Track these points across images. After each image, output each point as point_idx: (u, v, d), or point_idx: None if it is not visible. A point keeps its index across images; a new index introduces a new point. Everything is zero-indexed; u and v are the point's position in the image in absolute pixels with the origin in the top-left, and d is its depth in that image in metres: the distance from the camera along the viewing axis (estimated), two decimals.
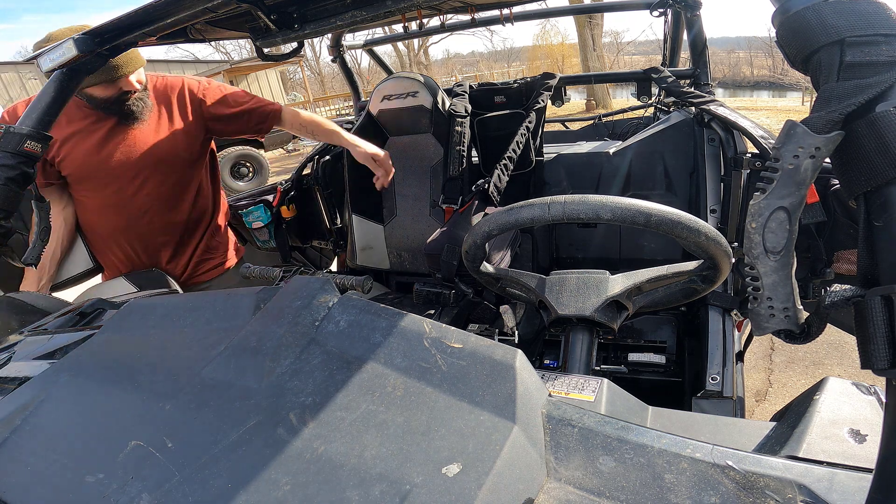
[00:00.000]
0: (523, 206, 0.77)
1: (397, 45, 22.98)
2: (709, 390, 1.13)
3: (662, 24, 2.20)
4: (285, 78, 23.17)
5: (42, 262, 1.36)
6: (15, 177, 1.00)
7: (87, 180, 1.40)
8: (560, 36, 25.56)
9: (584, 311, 0.82)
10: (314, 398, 0.50)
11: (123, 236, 1.48)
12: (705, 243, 0.71)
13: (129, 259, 1.52)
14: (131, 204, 1.44)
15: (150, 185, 1.44)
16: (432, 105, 1.79)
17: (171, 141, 1.44)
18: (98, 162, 1.37)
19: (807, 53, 0.46)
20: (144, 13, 0.90)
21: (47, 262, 1.39)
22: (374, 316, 0.58)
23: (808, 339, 0.54)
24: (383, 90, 1.84)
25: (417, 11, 1.18)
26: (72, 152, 1.35)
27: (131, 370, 0.61)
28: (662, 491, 0.42)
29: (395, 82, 1.83)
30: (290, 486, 0.42)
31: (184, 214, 1.53)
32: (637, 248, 1.88)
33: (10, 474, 0.50)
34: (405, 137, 1.93)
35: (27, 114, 1.04)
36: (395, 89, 1.81)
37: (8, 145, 1.00)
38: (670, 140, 1.79)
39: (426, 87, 1.79)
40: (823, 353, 2.51)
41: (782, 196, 0.48)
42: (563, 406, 0.51)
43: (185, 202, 1.53)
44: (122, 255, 1.51)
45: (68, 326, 0.91)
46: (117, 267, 1.53)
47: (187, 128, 1.47)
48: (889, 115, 0.40)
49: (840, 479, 0.41)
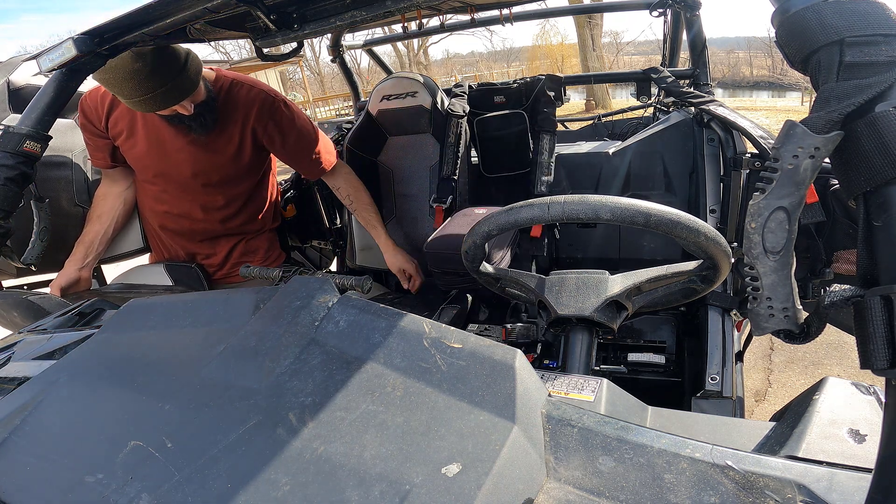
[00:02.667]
0: (523, 206, 0.77)
1: (397, 45, 22.96)
2: (708, 390, 1.13)
3: (662, 24, 2.20)
4: (285, 78, 23.18)
5: (91, 240, 1.41)
6: (14, 177, 1.00)
7: (146, 173, 1.44)
8: (560, 36, 25.58)
9: (583, 311, 0.82)
10: (314, 398, 0.50)
11: (170, 228, 1.54)
12: (705, 243, 0.71)
13: (170, 249, 1.58)
14: (181, 205, 1.48)
15: (203, 192, 1.47)
16: (431, 105, 1.79)
17: (231, 155, 1.44)
18: (158, 161, 1.40)
19: (806, 53, 0.46)
20: (144, 13, 0.90)
21: (96, 240, 1.43)
22: (374, 316, 0.58)
23: (808, 339, 0.54)
24: (382, 90, 1.83)
25: (417, 11, 1.18)
26: (139, 145, 1.38)
27: (131, 370, 0.61)
28: (662, 491, 0.42)
29: (394, 82, 1.83)
30: (290, 486, 0.42)
31: (231, 219, 1.56)
32: (636, 248, 1.88)
33: (10, 474, 0.50)
34: (404, 137, 1.93)
35: (26, 114, 1.04)
36: (395, 89, 1.81)
37: (8, 145, 1.00)
38: (670, 140, 1.79)
39: (426, 88, 1.79)
40: (823, 353, 2.51)
41: (782, 196, 0.48)
42: (563, 406, 0.51)
43: (233, 207, 1.55)
44: (165, 244, 1.58)
45: (68, 326, 0.91)
46: (161, 252, 1.60)
47: (250, 144, 1.46)
48: (889, 115, 0.40)
49: (839, 479, 0.41)
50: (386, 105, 1.83)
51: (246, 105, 1.42)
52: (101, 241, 1.45)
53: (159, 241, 1.59)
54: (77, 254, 1.40)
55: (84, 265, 1.40)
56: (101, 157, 1.42)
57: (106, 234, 1.46)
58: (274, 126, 1.46)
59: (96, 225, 1.43)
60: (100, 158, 1.43)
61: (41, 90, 1.07)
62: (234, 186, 1.51)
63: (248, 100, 1.42)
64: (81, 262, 1.39)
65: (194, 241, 1.57)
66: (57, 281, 1.36)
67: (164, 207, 1.50)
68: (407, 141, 1.93)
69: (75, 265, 1.38)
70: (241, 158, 1.46)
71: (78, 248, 1.40)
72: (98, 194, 1.48)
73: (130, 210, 1.54)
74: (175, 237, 1.56)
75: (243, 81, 1.44)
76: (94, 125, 1.37)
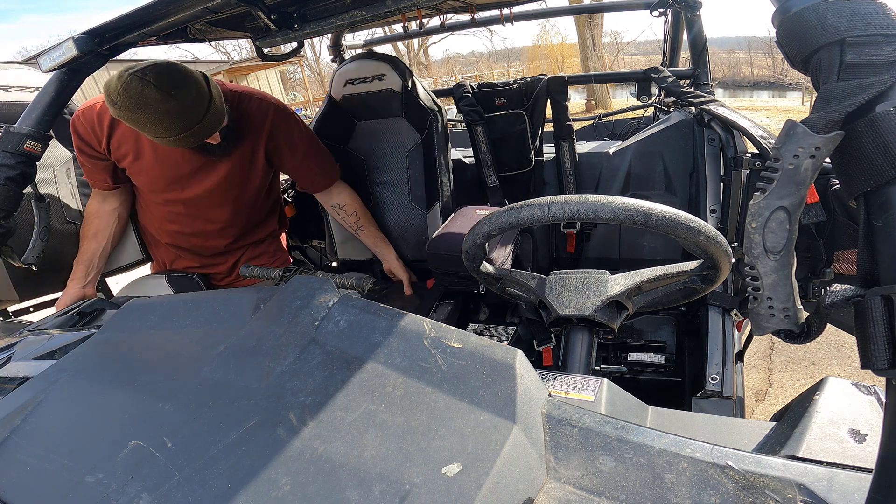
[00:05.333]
0: (523, 205, 0.77)
1: (397, 44, 22.97)
2: (709, 390, 1.13)
3: (662, 24, 2.21)
4: (285, 78, 23.16)
5: (89, 259, 1.40)
6: (15, 176, 1.00)
7: (156, 195, 1.42)
8: (560, 36, 25.58)
9: (583, 311, 0.82)
10: (314, 398, 0.50)
11: (173, 242, 1.52)
12: (705, 243, 0.71)
13: (175, 259, 1.57)
14: (192, 223, 1.47)
15: (216, 210, 1.45)
16: (402, 88, 1.65)
17: (246, 171, 1.42)
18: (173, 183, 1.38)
19: (807, 53, 0.46)
20: (144, 13, 0.90)
21: (95, 258, 1.42)
22: (374, 316, 0.58)
23: (808, 339, 0.54)
24: (346, 74, 1.68)
25: (417, 11, 1.18)
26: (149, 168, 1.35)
27: (131, 370, 0.61)
28: (662, 491, 0.42)
29: (358, 65, 1.68)
30: (290, 486, 0.42)
31: (241, 231, 1.55)
32: (637, 248, 1.88)
33: (10, 474, 0.50)
34: (375, 122, 1.79)
35: (27, 114, 1.04)
36: (360, 72, 1.66)
37: (8, 145, 1.00)
38: (670, 140, 1.79)
39: (394, 70, 1.65)
40: (823, 352, 2.51)
41: (782, 196, 0.48)
42: (563, 406, 0.51)
43: (243, 219, 1.53)
44: (170, 255, 1.57)
45: (68, 326, 0.91)
46: (164, 262, 1.59)
47: (262, 158, 1.44)
48: (889, 115, 0.40)
49: (840, 479, 0.41)
50: (351, 90, 1.69)
51: (258, 119, 1.38)
52: (100, 257, 1.43)
53: (164, 253, 1.57)
54: (78, 273, 1.39)
55: (87, 283, 1.39)
56: (101, 178, 1.38)
57: (104, 251, 1.44)
58: (284, 139, 1.43)
59: (93, 243, 1.41)
60: (100, 181, 1.39)
61: (41, 90, 1.07)
62: (245, 200, 1.49)
63: (260, 113, 1.38)
64: (84, 281, 1.38)
65: (204, 255, 1.56)
66: (62, 300, 1.35)
67: (176, 227, 1.47)
68: (378, 125, 1.78)
69: (78, 283, 1.37)
70: (254, 173, 1.44)
71: (78, 267, 1.39)
72: (90, 211, 1.44)
73: (125, 225, 1.52)
74: (184, 252, 1.55)
75: (252, 94, 1.40)
76: (93, 147, 1.32)
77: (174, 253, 1.56)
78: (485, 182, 1.98)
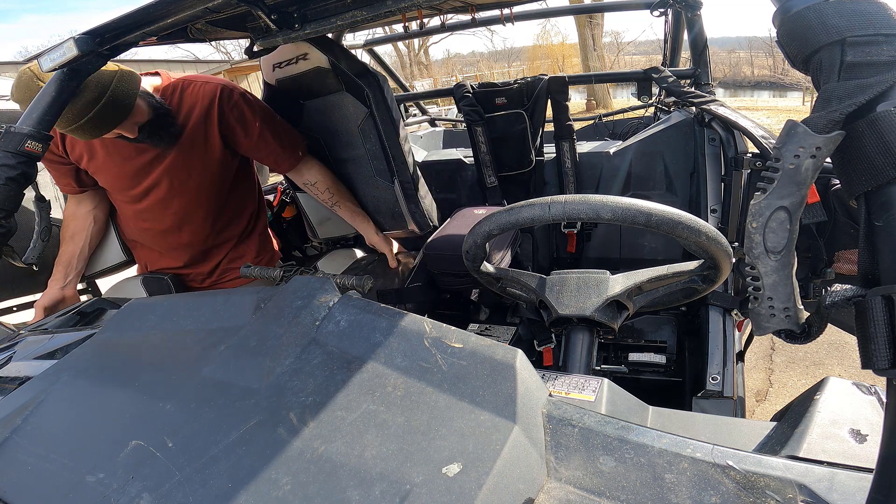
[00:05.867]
0: (523, 205, 0.77)
1: (397, 44, 22.97)
2: (709, 390, 1.13)
3: (663, 24, 2.21)
4: None
5: (68, 260, 1.40)
6: (15, 176, 1.00)
7: (121, 193, 1.41)
8: (560, 36, 25.59)
9: (584, 311, 0.82)
10: (314, 398, 0.50)
11: (152, 242, 1.51)
12: (706, 243, 0.71)
13: (157, 259, 1.55)
14: (161, 219, 1.44)
15: (179, 203, 1.42)
16: (330, 63, 1.58)
17: (201, 157, 1.39)
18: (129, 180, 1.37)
19: (807, 53, 0.46)
20: (145, 13, 0.90)
21: (74, 259, 1.41)
22: (375, 316, 0.58)
23: (809, 339, 0.54)
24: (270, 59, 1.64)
25: (418, 11, 1.18)
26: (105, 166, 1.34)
27: (131, 370, 0.61)
28: (663, 491, 0.42)
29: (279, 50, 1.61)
30: (291, 486, 0.42)
31: (213, 226, 1.52)
32: (637, 248, 1.89)
33: (10, 474, 0.50)
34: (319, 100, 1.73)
35: (27, 114, 1.04)
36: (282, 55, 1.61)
37: (9, 145, 1.00)
38: (671, 140, 1.79)
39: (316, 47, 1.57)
40: (824, 353, 2.51)
41: (783, 196, 0.48)
42: (564, 406, 0.51)
43: (214, 214, 1.50)
44: (150, 255, 1.55)
45: (68, 326, 0.91)
46: (146, 263, 1.57)
47: (218, 141, 1.40)
48: (890, 115, 0.40)
49: (840, 479, 0.41)
50: (280, 73, 1.63)
51: (202, 101, 1.35)
52: (78, 258, 1.43)
53: (146, 254, 1.56)
54: (57, 273, 1.39)
55: (66, 284, 1.39)
56: (67, 182, 1.39)
57: (82, 252, 1.44)
58: (235, 118, 1.39)
59: (70, 245, 1.42)
60: (66, 184, 1.39)
61: (42, 90, 1.07)
62: (212, 191, 1.45)
63: (203, 95, 1.35)
64: (63, 282, 1.39)
65: (184, 254, 1.53)
66: (41, 301, 1.35)
67: (147, 224, 1.46)
68: (324, 103, 1.71)
69: (58, 284, 1.38)
70: (210, 159, 1.40)
71: (57, 268, 1.40)
72: (66, 214, 1.45)
73: (103, 227, 1.51)
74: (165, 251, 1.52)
75: (195, 80, 1.37)
76: (52, 151, 1.31)
77: (155, 253, 1.53)
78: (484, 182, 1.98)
